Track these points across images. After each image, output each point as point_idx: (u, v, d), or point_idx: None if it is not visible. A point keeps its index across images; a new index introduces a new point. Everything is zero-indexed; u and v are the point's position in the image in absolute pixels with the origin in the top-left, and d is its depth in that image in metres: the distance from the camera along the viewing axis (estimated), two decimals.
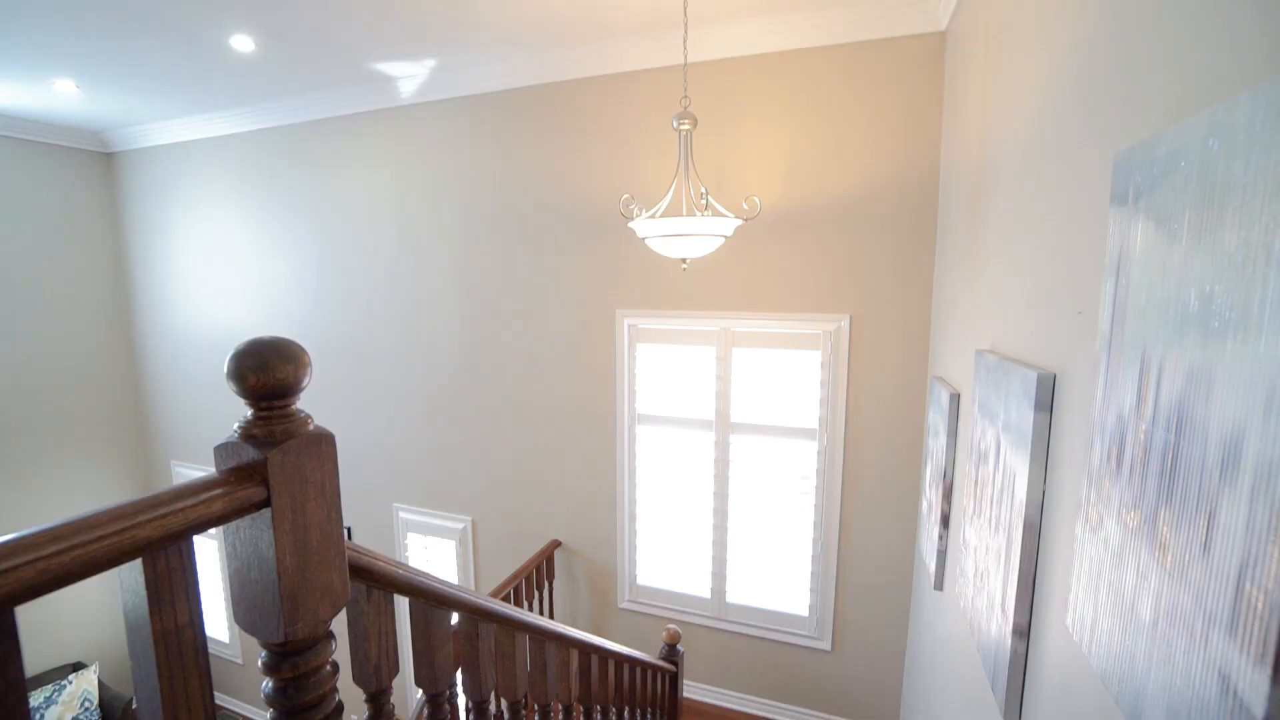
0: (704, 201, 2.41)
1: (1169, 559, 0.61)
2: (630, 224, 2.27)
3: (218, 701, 5.07)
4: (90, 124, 4.39)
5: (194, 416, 4.84)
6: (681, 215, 2.26)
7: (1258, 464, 0.47)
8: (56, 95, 3.74)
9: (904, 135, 2.66)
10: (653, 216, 2.26)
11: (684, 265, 2.46)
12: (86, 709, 4.44)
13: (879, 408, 2.89)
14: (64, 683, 4.43)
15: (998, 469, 1.27)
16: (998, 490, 1.27)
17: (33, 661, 4.53)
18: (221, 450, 0.56)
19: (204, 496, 0.50)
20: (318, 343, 4.13)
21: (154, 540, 0.45)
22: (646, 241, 2.28)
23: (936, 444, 2.11)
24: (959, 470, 1.82)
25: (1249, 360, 0.49)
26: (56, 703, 4.33)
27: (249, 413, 0.57)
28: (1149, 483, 0.65)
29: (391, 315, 3.91)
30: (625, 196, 2.77)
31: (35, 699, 4.28)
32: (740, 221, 2.29)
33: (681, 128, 2.26)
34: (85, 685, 4.51)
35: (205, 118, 4.17)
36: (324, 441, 0.59)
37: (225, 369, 0.56)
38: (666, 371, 3.29)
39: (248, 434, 0.56)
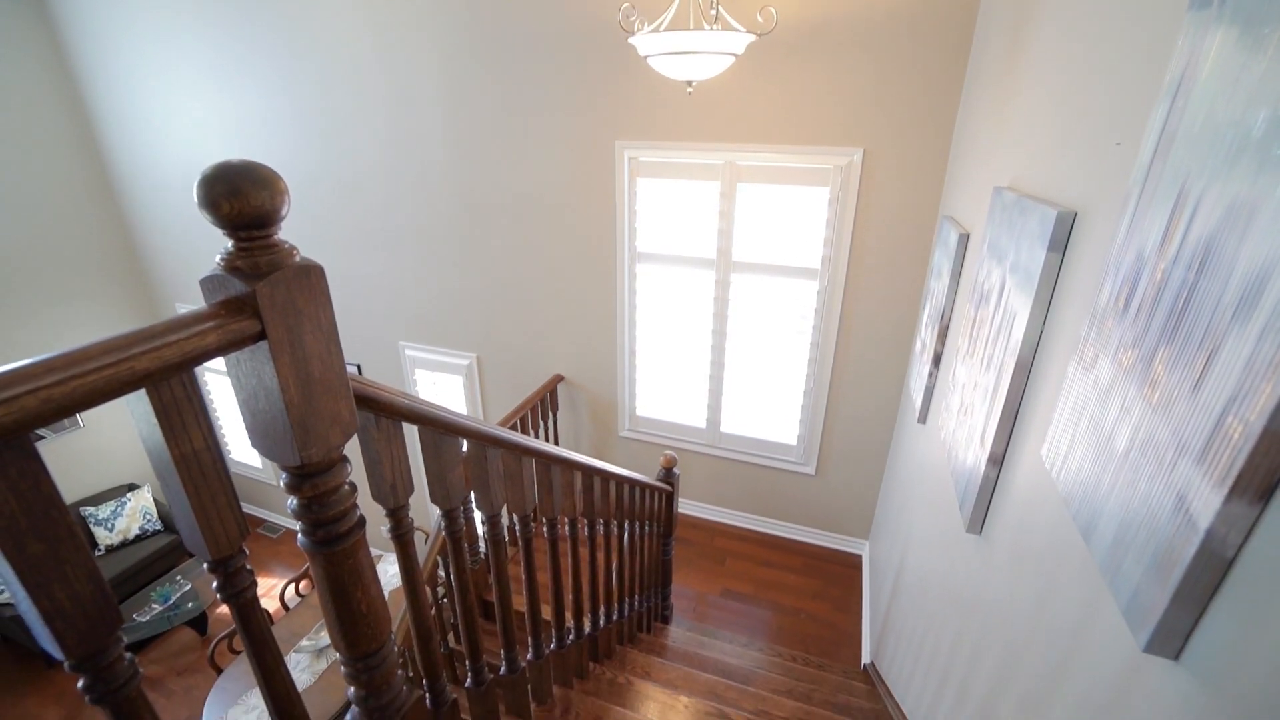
0: (714, 13, 2.12)
1: (1156, 395, 0.63)
2: (631, 39, 2.02)
3: (261, 515, 5.66)
4: None
5: (187, 256, 4.77)
6: (688, 29, 2.00)
7: (1277, 303, 0.46)
8: None
9: None
10: (655, 30, 2.00)
11: (689, 89, 2.24)
12: (148, 519, 5.01)
13: (884, 248, 2.83)
14: (124, 500, 4.95)
15: (998, 310, 1.27)
16: (995, 330, 1.28)
17: (90, 483, 4.99)
18: (208, 283, 0.55)
19: (197, 329, 0.49)
20: (300, 177, 3.91)
21: (152, 372, 0.45)
22: (649, 61, 2.05)
23: (939, 285, 2.09)
24: (958, 311, 1.83)
25: None
26: (122, 515, 4.89)
27: (229, 244, 0.54)
28: (1155, 322, 0.65)
29: (379, 150, 3.65)
30: (625, 5, 2.43)
31: (103, 513, 4.81)
32: (753, 37, 2.04)
33: None
34: (143, 502, 5.03)
35: None
36: (313, 273, 0.57)
37: (195, 196, 0.52)
38: (668, 208, 3.17)
39: (231, 265, 0.54)
